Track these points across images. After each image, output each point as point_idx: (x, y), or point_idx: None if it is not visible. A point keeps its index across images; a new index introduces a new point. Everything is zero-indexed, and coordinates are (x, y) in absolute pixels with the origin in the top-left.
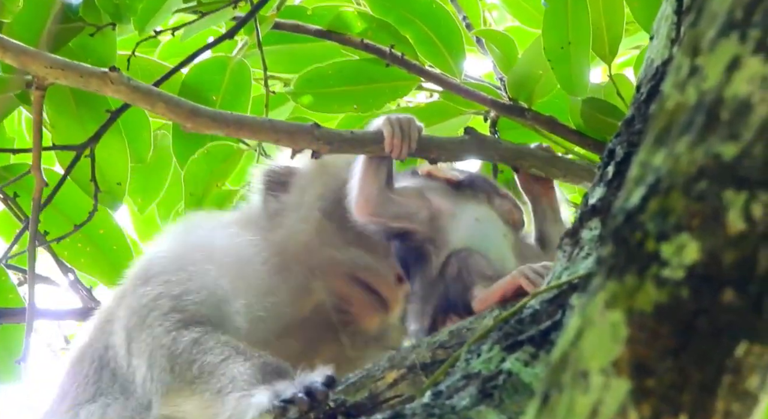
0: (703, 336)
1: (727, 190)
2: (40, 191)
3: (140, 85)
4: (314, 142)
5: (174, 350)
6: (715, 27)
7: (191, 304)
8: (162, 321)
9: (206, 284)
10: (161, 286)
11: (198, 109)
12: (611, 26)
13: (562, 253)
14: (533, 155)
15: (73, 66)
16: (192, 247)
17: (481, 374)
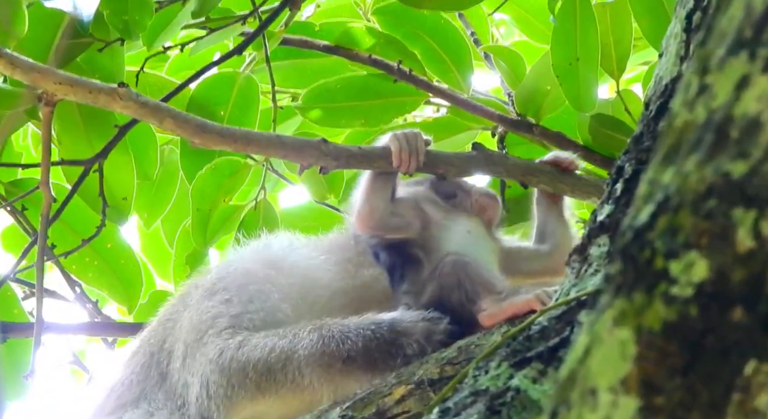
0: (712, 354)
1: (736, 208)
2: (48, 206)
3: (148, 101)
4: (322, 157)
5: (222, 363)
6: (724, 46)
7: (247, 321)
8: (215, 339)
9: (266, 307)
10: (223, 305)
11: (206, 125)
12: (619, 42)
13: (571, 269)
14: (541, 170)
15: (82, 82)
16: (263, 263)
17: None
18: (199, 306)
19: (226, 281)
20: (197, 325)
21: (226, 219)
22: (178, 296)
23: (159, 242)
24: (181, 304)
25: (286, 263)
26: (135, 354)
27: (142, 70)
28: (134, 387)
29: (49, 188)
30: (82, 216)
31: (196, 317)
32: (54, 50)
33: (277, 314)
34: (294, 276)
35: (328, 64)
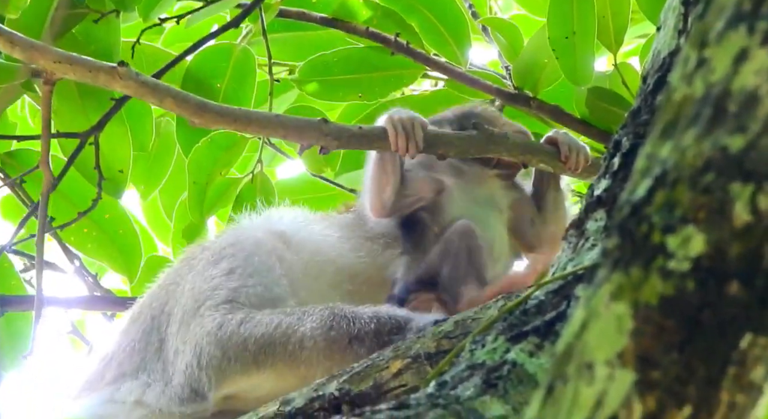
0: (709, 328)
1: (734, 182)
2: (48, 185)
3: (148, 80)
4: (322, 137)
5: (221, 336)
6: (722, 19)
7: (244, 295)
8: (212, 312)
9: (265, 282)
10: (225, 276)
11: (205, 104)
12: (617, 15)
13: (567, 244)
14: (542, 150)
15: (82, 61)
16: (274, 234)
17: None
18: (203, 272)
19: (235, 248)
20: (197, 294)
21: (222, 192)
22: (183, 258)
23: (159, 213)
24: (186, 267)
25: (297, 237)
26: (135, 320)
27: (138, 42)
28: (135, 355)
29: (48, 167)
30: (80, 188)
31: (198, 283)
32: (49, 21)
33: (275, 289)
34: (302, 251)
35: (325, 37)
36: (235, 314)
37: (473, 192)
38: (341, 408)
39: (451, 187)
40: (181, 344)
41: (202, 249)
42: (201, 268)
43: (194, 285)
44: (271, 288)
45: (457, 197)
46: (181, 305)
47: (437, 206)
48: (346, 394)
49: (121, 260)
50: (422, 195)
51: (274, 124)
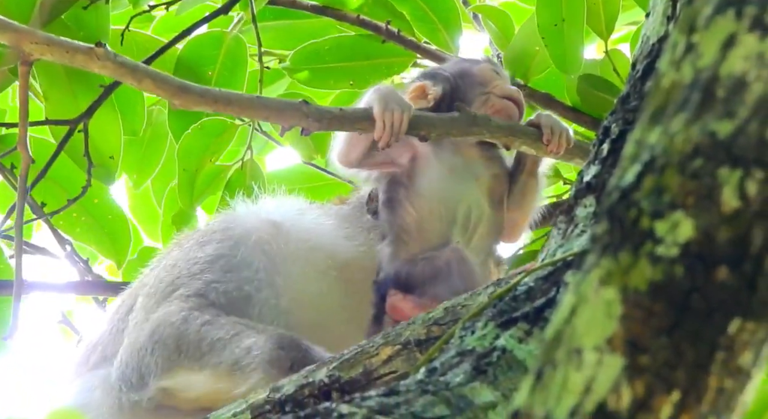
0: (697, 313)
1: (722, 168)
2: (26, 167)
3: (126, 61)
4: (303, 119)
5: (183, 330)
6: (711, 4)
7: (214, 292)
8: (181, 302)
9: (239, 278)
10: (207, 263)
11: (186, 86)
12: (608, 2)
13: (557, 230)
14: (524, 132)
15: (59, 42)
16: (265, 223)
17: (475, 351)
18: (188, 252)
19: (224, 234)
20: (175, 273)
21: (212, 179)
22: (175, 241)
23: (147, 203)
24: (176, 245)
25: (288, 225)
26: (122, 302)
27: (128, 28)
28: (119, 337)
29: (26, 149)
30: (71, 174)
31: (181, 263)
32: (38, 7)
33: (245, 287)
34: (291, 239)
35: (316, 25)
36: (202, 312)
37: (448, 160)
38: (331, 395)
39: (425, 153)
40: (143, 320)
41: (195, 231)
42: (188, 248)
43: (176, 263)
44: (242, 287)
45: (431, 163)
46: (159, 278)
47: (411, 176)
48: (336, 381)
49: (109, 245)
50: (394, 157)
51: (255, 105)
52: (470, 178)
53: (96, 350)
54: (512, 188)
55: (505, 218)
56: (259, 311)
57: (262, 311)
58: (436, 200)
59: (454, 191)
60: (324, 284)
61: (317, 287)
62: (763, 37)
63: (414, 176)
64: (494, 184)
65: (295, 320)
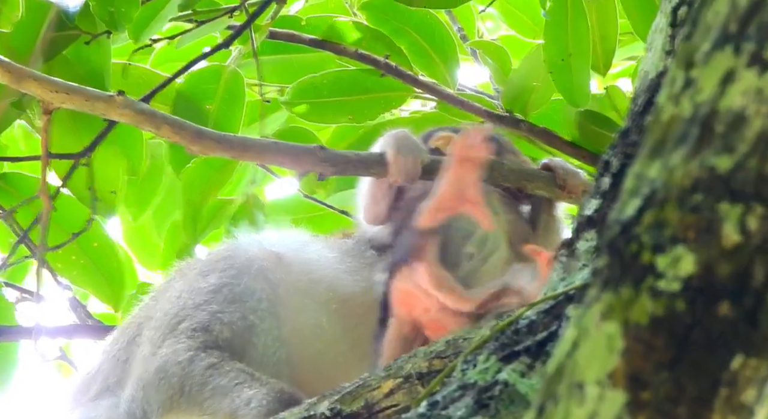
0: (699, 348)
1: (722, 202)
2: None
3: (145, 109)
4: (319, 164)
5: (189, 371)
6: (709, 40)
7: (219, 323)
8: (188, 337)
9: (243, 308)
10: (211, 293)
11: (202, 132)
12: (605, 38)
13: (559, 264)
14: (537, 176)
15: (79, 90)
16: (268, 253)
17: (477, 384)
18: (192, 283)
19: (226, 263)
20: (180, 305)
21: (216, 213)
22: (178, 269)
23: (143, 235)
24: (179, 275)
25: (290, 256)
26: (124, 329)
27: (129, 63)
28: (118, 367)
29: (48, 196)
30: (69, 213)
31: (185, 294)
32: (40, 43)
33: (250, 316)
34: (293, 270)
35: (314, 59)
36: (208, 354)
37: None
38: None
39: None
40: (150, 354)
41: (196, 260)
42: (191, 278)
43: (180, 294)
44: (246, 316)
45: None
46: (164, 311)
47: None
48: (337, 414)
49: (107, 289)
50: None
51: (271, 151)
52: (489, 209)
53: (96, 379)
54: (535, 227)
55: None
56: (263, 342)
57: (265, 342)
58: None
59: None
60: (324, 316)
61: (317, 320)
62: (762, 73)
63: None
64: (512, 228)
65: (295, 351)
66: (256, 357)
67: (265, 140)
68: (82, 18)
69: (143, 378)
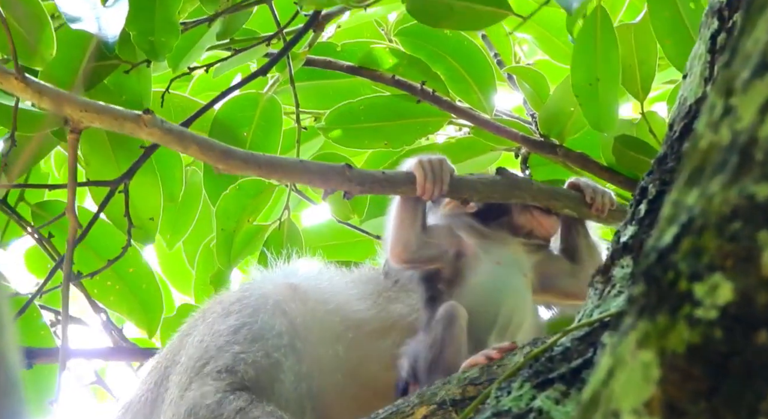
0: (737, 377)
1: (762, 231)
2: (74, 233)
3: (173, 128)
4: (346, 183)
5: (218, 415)
6: (749, 68)
7: (243, 364)
8: (214, 379)
9: (266, 346)
10: (232, 334)
11: (230, 151)
12: (644, 63)
13: (594, 290)
14: (566, 195)
15: (108, 109)
16: (284, 287)
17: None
18: (212, 326)
19: (242, 304)
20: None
21: (250, 239)
22: (200, 309)
23: (179, 263)
24: (201, 317)
25: (306, 286)
26: (152, 370)
27: (168, 91)
28: (146, 407)
29: (74, 214)
30: (106, 240)
31: (207, 337)
32: (81, 73)
33: (274, 354)
34: (309, 300)
35: (350, 85)
36: (237, 396)
37: (497, 256)
38: None
39: (473, 250)
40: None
41: (218, 302)
42: (211, 321)
43: (203, 338)
44: (270, 354)
45: (479, 260)
46: (188, 355)
47: (456, 272)
48: None
49: (142, 315)
50: (444, 249)
51: (298, 170)
52: (518, 275)
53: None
54: (577, 255)
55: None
56: (289, 378)
57: (290, 378)
58: (480, 297)
59: (500, 290)
60: (341, 346)
61: (334, 351)
62: None
63: (459, 272)
64: (540, 273)
65: (315, 384)
66: (283, 392)
67: (292, 159)
68: (122, 48)
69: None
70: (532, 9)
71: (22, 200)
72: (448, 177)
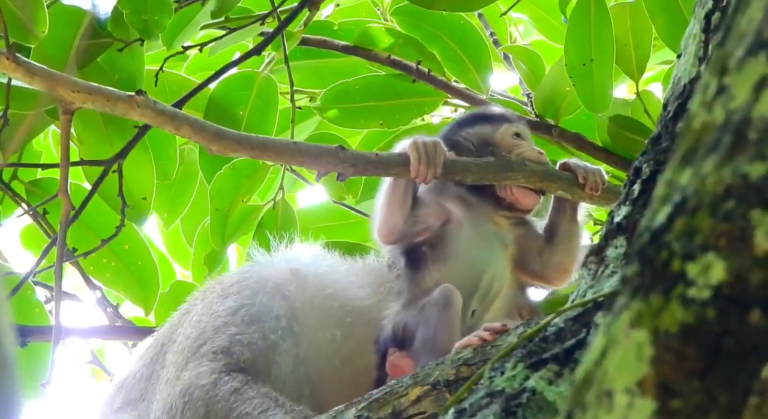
0: (730, 357)
1: (755, 210)
2: (67, 214)
3: (166, 109)
4: (339, 164)
5: (213, 395)
6: (743, 46)
7: (239, 345)
8: (210, 360)
9: (263, 328)
10: (230, 316)
11: (223, 132)
12: (639, 44)
13: (587, 271)
14: (559, 177)
15: (100, 90)
16: (284, 271)
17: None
18: (211, 306)
19: (241, 285)
20: (201, 329)
21: (244, 219)
22: (200, 289)
23: (179, 240)
24: (200, 297)
25: (306, 271)
26: (149, 347)
27: (162, 70)
28: (141, 383)
29: (67, 195)
30: (101, 217)
31: (205, 318)
32: (74, 51)
33: (271, 336)
34: (309, 286)
35: (346, 65)
36: (232, 377)
37: (480, 227)
38: None
39: (459, 218)
40: (174, 377)
41: (217, 282)
42: (210, 301)
43: (201, 318)
44: (267, 336)
45: (463, 229)
46: (186, 334)
47: (441, 238)
48: None
49: (138, 291)
50: (430, 223)
51: (291, 151)
52: (499, 246)
53: (120, 393)
54: (554, 235)
55: (552, 263)
56: (285, 360)
57: (287, 361)
58: (463, 264)
59: (482, 258)
60: (339, 331)
61: (332, 335)
62: None
63: (444, 238)
64: (520, 248)
65: (313, 368)
66: (279, 375)
67: (285, 140)
68: (115, 26)
69: (169, 400)
70: None
71: (15, 179)
72: (442, 160)
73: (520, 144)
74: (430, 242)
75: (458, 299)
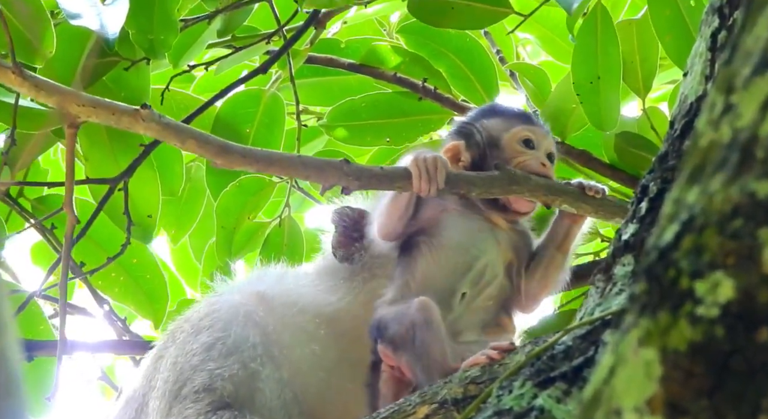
0: (738, 375)
1: (762, 228)
2: (72, 228)
3: (171, 123)
4: (344, 178)
5: None
6: (749, 65)
7: (220, 380)
8: (194, 401)
9: (242, 358)
10: (206, 352)
11: (228, 146)
12: (645, 61)
13: (595, 289)
14: (564, 191)
15: (105, 104)
16: (251, 295)
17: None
18: (184, 346)
19: (211, 319)
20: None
21: (250, 236)
22: (167, 331)
23: (187, 256)
24: (170, 339)
25: (272, 293)
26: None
27: (168, 88)
28: None
29: (72, 210)
30: (110, 233)
31: (180, 359)
32: (81, 69)
33: (251, 365)
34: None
35: (353, 83)
36: (218, 417)
37: (476, 220)
38: None
39: (456, 209)
40: None
41: (183, 320)
42: (182, 340)
43: (176, 360)
44: (247, 365)
45: (459, 217)
46: (164, 379)
47: (437, 224)
48: None
49: (147, 305)
50: (429, 216)
51: (295, 165)
52: (492, 240)
53: None
54: (538, 260)
55: (524, 288)
56: (269, 386)
57: (269, 387)
58: (457, 248)
59: (476, 246)
60: (316, 344)
61: (311, 350)
62: None
63: (440, 224)
64: (513, 255)
65: (298, 388)
66: (265, 402)
67: (290, 154)
68: (122, 45)
69: None
70: (533, 8)
71: (22, 196)
72: (444, 175)
73: (525, 152)
74: (425, 228)
75: (436, 311)
